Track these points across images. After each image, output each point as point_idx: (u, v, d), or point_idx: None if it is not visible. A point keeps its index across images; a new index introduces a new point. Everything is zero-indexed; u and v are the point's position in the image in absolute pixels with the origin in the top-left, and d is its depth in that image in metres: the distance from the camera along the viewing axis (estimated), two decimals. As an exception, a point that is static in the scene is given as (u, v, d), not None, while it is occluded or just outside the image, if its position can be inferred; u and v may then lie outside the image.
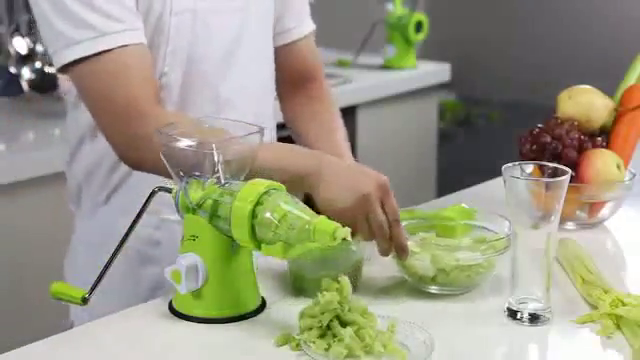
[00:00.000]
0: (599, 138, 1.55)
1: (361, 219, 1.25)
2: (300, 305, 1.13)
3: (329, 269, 1.24)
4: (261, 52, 1.53)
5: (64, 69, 1.34)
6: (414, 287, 1.29)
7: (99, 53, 1.31)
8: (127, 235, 1.23)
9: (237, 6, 1.46)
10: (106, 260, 1.22)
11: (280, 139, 1.62)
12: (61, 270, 1.58)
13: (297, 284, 1.28)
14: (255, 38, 1.50)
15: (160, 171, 1.27)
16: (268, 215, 1.11)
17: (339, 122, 1.60)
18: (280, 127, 1.65)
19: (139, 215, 1.23)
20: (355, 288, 1.26)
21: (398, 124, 3.22)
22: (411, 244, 1.27)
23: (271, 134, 1.58)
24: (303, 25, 1.63)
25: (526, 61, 4.11)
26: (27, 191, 2.17)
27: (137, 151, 1.32)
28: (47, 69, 2.71)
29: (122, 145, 1.34)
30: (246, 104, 1.49)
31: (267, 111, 1.56)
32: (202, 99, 1.44)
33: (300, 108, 1.62)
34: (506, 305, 1.20)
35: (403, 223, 1.29)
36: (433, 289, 1.28)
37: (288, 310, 1.18)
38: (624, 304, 1.17)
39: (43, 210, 2.22)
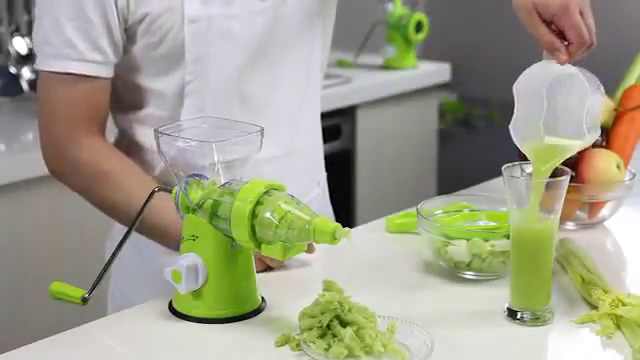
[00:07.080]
0: (599, 138, 1.55)
1: None
2: (300, 305, 1.13)
3: None
4: (296, 47, 1.50)
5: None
6: (421, 284, 1.29)
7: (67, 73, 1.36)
8: (127, 235, 1.22)
9: (264, 7, 1.43)
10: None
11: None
12: (61, 270, 1.58)
13: None
14: (290, 33, 1.47)
15: (85, 197, 1.43)
16: (268, 215, 1.11)
17: None
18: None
19: (138, 215, 1.23)
20: None
21: (398, 124, 3.22)
22: (446, 230, 1.29)
23: (315, 129, 1.60)
24: None
25: (526, 61, 4.10)
26: (27, 191, 2.17)
27: (61, 167, 1.44)
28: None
29: (50, 158, 1.44)
30: (281, 103, 1.48)
31: (310, 105, 1.55)
32: (232, 102, 1.43)
33: None
34: (506, 305, 1.20)
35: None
36: (468, 275, 1.30)
37: (288, 310, 1.17)
38: (624, 304, 1.17)
39: (43, 210, 2.22)
